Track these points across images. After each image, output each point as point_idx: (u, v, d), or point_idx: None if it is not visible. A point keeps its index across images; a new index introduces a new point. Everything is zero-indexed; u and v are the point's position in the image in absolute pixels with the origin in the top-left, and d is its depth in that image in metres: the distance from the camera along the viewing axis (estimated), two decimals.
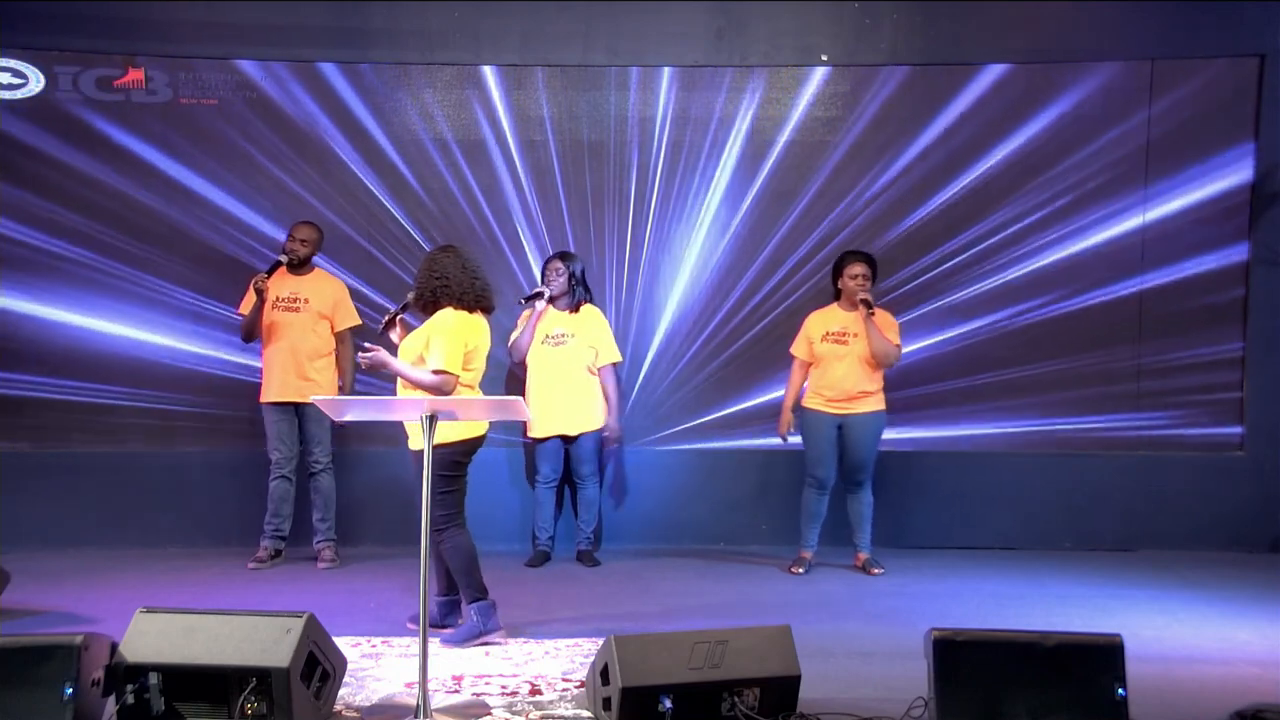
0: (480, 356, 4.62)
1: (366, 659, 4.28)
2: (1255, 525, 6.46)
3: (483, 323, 4.64)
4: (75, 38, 6.35)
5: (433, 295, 4.55)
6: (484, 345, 4.64)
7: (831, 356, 5.79)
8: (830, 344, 5.80)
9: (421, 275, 4.61)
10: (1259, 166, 6.45)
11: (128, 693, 3.41)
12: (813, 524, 5.96)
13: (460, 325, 4.50)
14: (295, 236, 5.93)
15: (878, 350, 5.74)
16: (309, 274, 5.99)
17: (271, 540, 5.97)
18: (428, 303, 4.57)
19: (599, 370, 6.10)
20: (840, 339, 5.80)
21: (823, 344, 5.82)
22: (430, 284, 4.55)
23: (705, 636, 3.60)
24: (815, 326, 5.89)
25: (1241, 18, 6.41)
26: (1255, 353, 6.50)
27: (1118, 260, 6.51)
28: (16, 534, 5.70)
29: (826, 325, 5.86)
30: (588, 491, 6.21)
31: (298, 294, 5.91)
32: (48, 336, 6.39)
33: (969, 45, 6.53)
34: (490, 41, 6.50)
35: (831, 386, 5.80)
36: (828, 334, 5.83)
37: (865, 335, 5.75)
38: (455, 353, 4.44)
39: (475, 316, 4.58)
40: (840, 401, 5.80)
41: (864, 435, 5.82)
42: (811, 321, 5.93)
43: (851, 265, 5.81)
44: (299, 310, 5.88)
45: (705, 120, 6.56)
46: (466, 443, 4.52)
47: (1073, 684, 3.43)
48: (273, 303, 5.89)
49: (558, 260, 6.09)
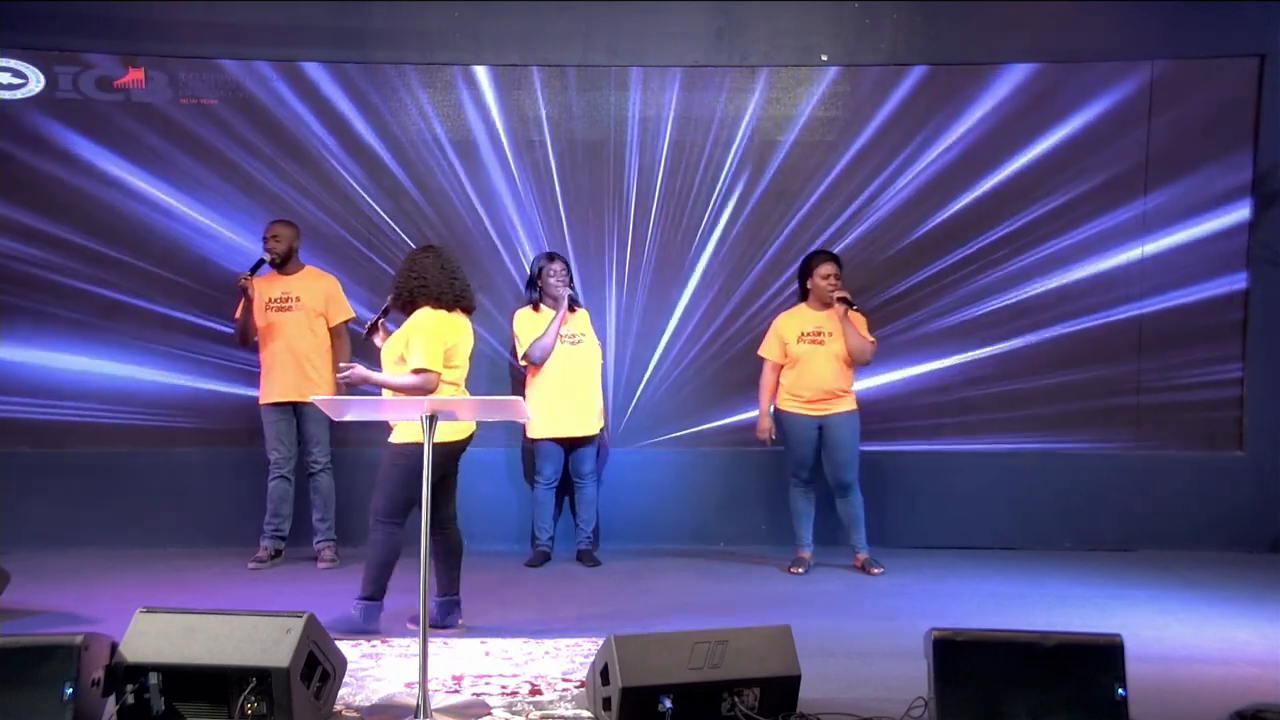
0: (461, 355, 4.62)
1: (366, 659, 4.29)
2: (1255, 525, 6.46)
3: (464, 322, 4.64)
4: (75, 38, 6.34)
5: (410, 295, 4.56)
6: (465, 344, 4.63)
7: (809, 356, 5.80)
8: (807, 344, 5.81)
9: (400, 276, 4.63)
10: (1259, 167, 6.45)
11: (128, 693, 3.41)
12: (804, 522, 5.97)
13: (439, 324, 4.50)
14: (268, 235, 5.95)
15: (855, 347, 5.76)
16: (299, 272, 5.99)
17: (271, 540, 5.97)
18: (406, 303, 4.59)
19: None
20: (816, 339, 5.80)
21: (799, 345, 5.82)
22: (408, 284, 4.57)
23: (705, 636, 3.59)
24: (788, 328, 5.88)
25: (1241, 18, 6.41)
26: (1256, 352, 6.50)
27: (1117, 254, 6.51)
28: (16, 534, 5.70)
29: (801, 326, 5.86)
30: (586, 491, 6.20)
31: (289, 293, 5.91)
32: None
33: (969, 45, 6.52)
34: (490, 41, 6.49)
35: (809, 387, 5.80)
36: (803, 334, 5.83)
37: (841, 333, 5.76)
38: (435, 351, 4.45)
39: (455, 315, 4.59)
40: (818, 402, 5.81)
41: (844, 436, 5.83)
42: (782, 323, 5.92)
43: (822, 265, 5.83)
44: (292, 309, 5.88)
45: (705, 120, 6.56)
46: (444, 446, 4.47)
47: (1073, 684, 3.43)
48: (265, 304, 5.89)
49: (559, 261, 6.08)
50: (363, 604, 4.62)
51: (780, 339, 5.89)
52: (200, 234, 6.45)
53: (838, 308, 5.76)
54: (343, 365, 4.56)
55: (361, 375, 4.47)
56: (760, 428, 5.94)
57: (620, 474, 6.55)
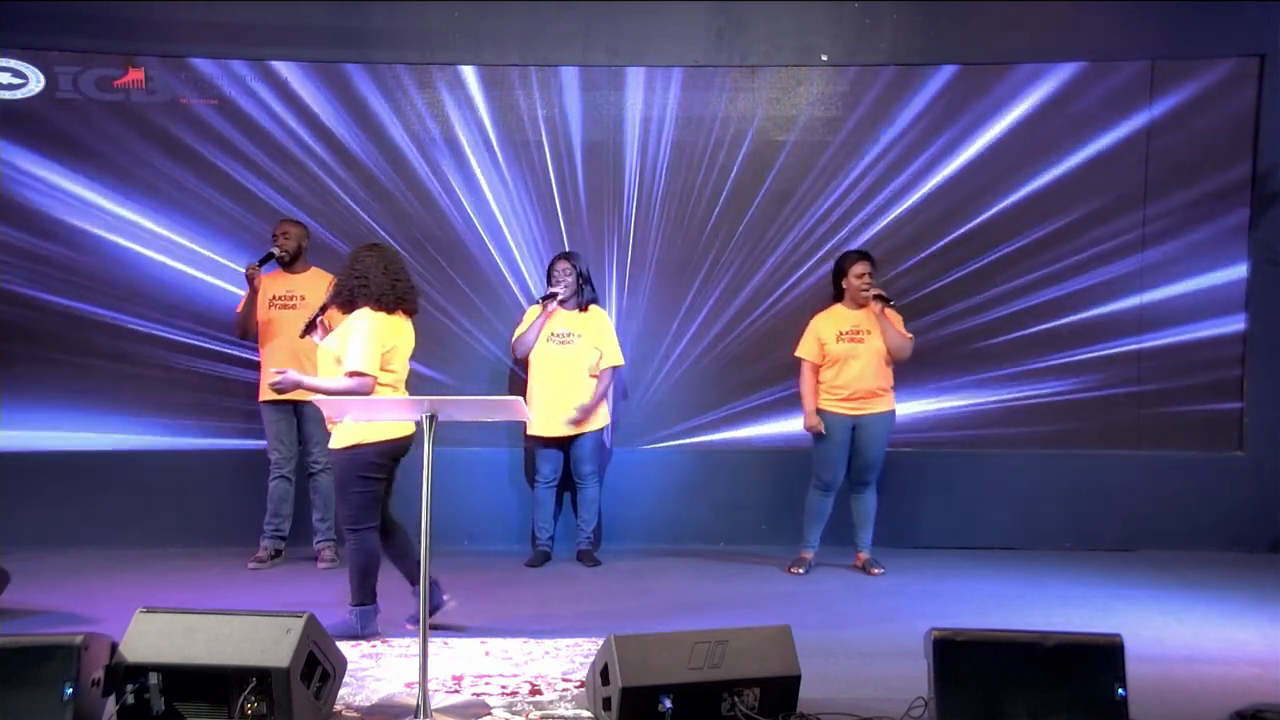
0: (401, 358, 4.55)
1: (366, 659, 4.29)
2: (1255, 525, 6.46)
3: (404, 324, 4.58)
4: (75, 38, 6.35)
5: (350, 295, 4.49)
6: (405, 347, 4.58)
7: (848, 355, 5.79)
8: (846, 343, 5.80)
9: (342, 274, 4.54)
10: (1259, 166, 6.45)
11: (128, 693, 3.41)
12: (816, 525, 5.97)
13: (377, 326, 4.43)
14: (278, 231, 5.97)
15: (893, 344, 5.76)
16: (305, 272, 5.99)
17: (271, 540, 5.97)
18: (345, 302, 4.51)
19: (600, 372, 6.09)
20: (855, 337, 5.80)
21: (838, 344, 5.81)
22: (349, 283, 4.49)
23: (705, 636, 3.59)
24: (825, 328, 5.87)
25: (1241, 18, 6.42)
26: (1256, 352, 6.50)
27: (1117, 254, 6.51)
28: (16, 534, 5.70)
29: (838, 326, 5.85)
30: (588, 491, 6.20)
31: (293, 291, 5.92)
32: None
33: (969, 45, 6.53)
34: (490, 42, 6.50)
35: (847, 386, 5.79)
36: (841, 334, 5.82)
37: (879, 331, 5.76)
38: (371, 353, 4.38)
39: (395, 317, 4.51)
40: (857, 400, 5.80)
41: (876, 435, 5.82)
42: (819, 323, 5.91)
43: (856, 264, 5.82)
44: (296, 308, 5.88)
45: (705, 120, 6.56)
46: (386, 444, 4.45)
47: (1073, 684, 3.43)
48: (269, 301, 5.90)
49: (564, 260, 6.08)
50: (358, 610, 4.59)
51: (818, 339, 5.87)
52: (200, 232, 6.45)
53: (874, 305, 5.76)
54: (274, 370, 4.46)
55: (294, 380, 4.40)
56: (808, 425, 5.87)
57: (621, 474, 6.55)
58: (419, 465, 3.75)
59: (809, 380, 5.89)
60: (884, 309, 5.76)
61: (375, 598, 4.61)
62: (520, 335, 6.07)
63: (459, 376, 6.52)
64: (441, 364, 6.46)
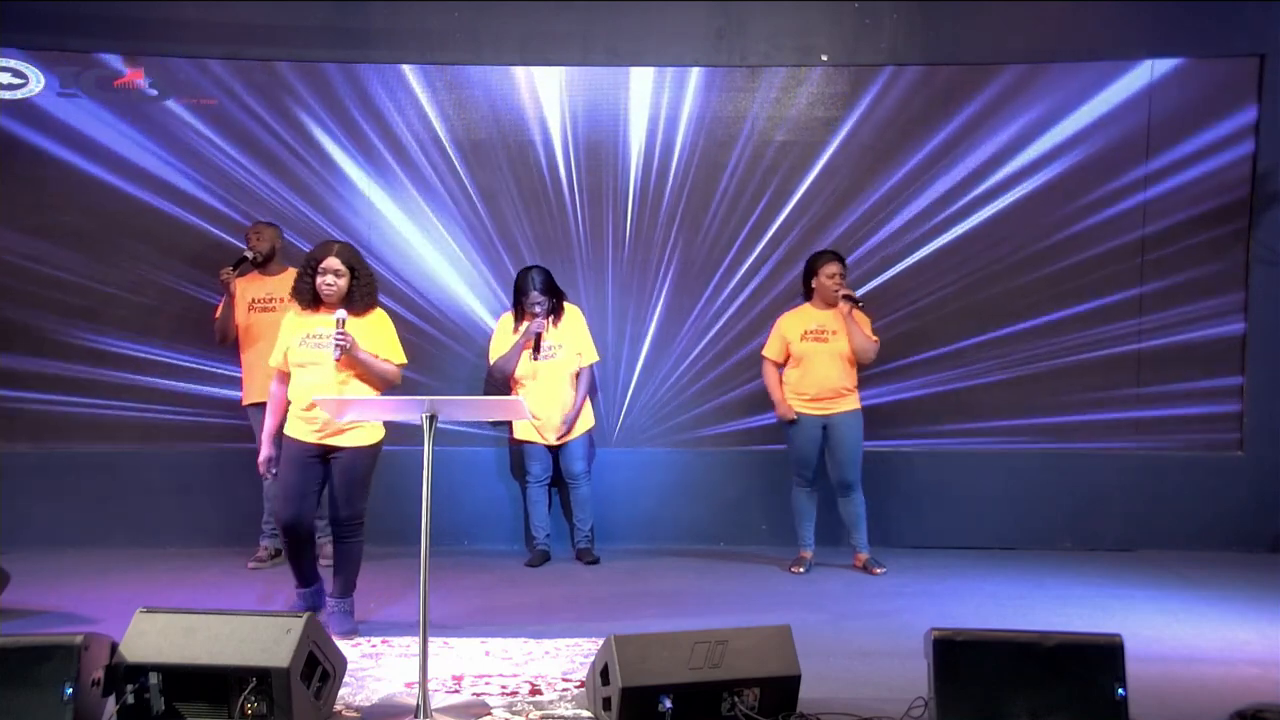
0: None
1: (366, 659, 4.29)
2: (1255, 525, 6.46)
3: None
4: (75, 38, 6.34)
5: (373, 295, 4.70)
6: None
7: (812, 354, 5.81)
8: (810, 342, 5.83)
9: (363, 271, 4.67)
10: (1259, 166, 6.45)
11: (128, 693, 3.41)
12: (806, 522, 5.98)
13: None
14: (250, 234, 5.99)
15: (859, 346, 5.78)
16: (281, 273, 5.96)
17: (271, 540, 5.97)
18: (366, 293, 4.65)
19: (580, 371, 6.12)
20: (820, 337, 5.82)
21: (802, 343, 5.84)
22: (372, 284, 4.70)
23: (705, 636, 3.60)
24: (791, 327, 5.90)
25: (1241, 18, 6.41)
26: (1255, 352, 6.50)
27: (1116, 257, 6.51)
28: (16, 534, 5.71)
29: (804, 325, 5.87)
30: (581, 491, 6.21)
31: (272, 294, 5.90)
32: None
33: (969, 45, 6.52)
34: (490, 42, 6.50)
35: (814, 385, 5.82)
36: (806, 333, 5.85)
37: (845, 332, 5.78)
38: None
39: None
40: (823, 401, 5.82)
41: (848, 435, 5.84)
42: (786, 322, 5.94)
43: (827, 265, 5.85)
44: (275, 310, 5.84)
45: (705, 120, 6.55)
46: (373, 447, 4.68)
47: (1072, 684, 3.43)
48: (248, 305, 5.89)
49: (535, 292, 5.98)
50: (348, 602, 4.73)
51: (783, 338, 5.91)
52: (199, 231, 6.44)
53: (842, 306, 5.77)
54: (337, 332, 4.49)
55: (354, 342, 4.50)
56: (780, 413, 5.91)
57: (620, 474, 6.55)
58: (419, 465, 3.75)
59: (771, 376, 5.95)
60: (852, 310, 5.78)
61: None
62: (502, 359, 6.04)
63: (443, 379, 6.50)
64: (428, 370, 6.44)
